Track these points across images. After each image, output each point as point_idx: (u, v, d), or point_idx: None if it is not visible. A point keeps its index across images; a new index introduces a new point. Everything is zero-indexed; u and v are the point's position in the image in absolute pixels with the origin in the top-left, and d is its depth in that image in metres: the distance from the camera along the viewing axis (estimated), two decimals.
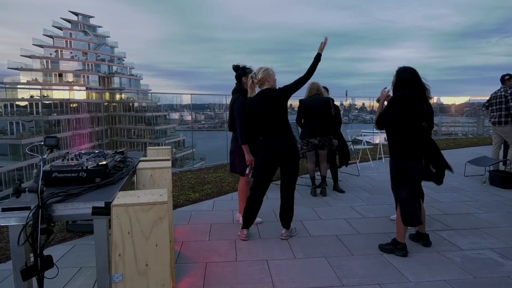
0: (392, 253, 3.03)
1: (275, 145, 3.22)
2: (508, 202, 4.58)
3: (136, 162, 2.58)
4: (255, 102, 3.24)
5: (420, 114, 2.90)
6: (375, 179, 5.93)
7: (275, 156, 3.24)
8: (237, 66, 3.63)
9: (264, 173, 3.32)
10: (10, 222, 1.63)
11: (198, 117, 45.98)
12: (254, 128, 3.33)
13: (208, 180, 5.86)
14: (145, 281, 1.67)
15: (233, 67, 3.67)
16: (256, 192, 3.37)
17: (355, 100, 14.94)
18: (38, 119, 34.19)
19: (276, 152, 3.23)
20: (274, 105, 3.18)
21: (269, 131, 3.23)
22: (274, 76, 3.30)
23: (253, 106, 3.26)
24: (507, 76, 5.69)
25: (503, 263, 2.88)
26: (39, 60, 48.20)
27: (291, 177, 3.33)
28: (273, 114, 3.19)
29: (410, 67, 2.97)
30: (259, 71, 3.25)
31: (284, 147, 3.22)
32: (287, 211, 3.39)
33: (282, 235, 3.40)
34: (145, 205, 1.67)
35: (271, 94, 3.20)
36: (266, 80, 3.23)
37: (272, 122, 3.20)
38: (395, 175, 3.01)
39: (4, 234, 3.48)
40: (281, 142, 3.22)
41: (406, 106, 2.86)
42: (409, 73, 2.92)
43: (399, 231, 3.02)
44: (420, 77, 2.92)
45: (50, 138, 1.95)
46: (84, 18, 56.30)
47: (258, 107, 3.22)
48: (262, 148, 3.30)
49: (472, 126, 16.03)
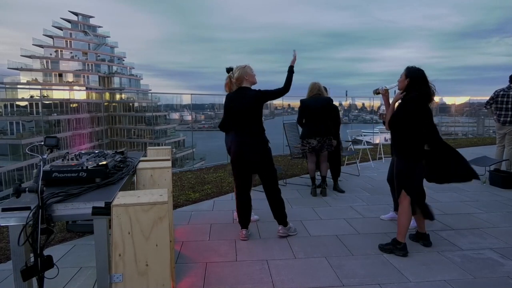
0: (392, 253, 3.03)
1: (245, 143, 3.25)
2: (508, 202, 4.58)
3: (136, 162, 2.58)
4: (231, 98, 3.32)
5: (429, 114, 2.96)
6: (375, 179, 5.93)
7: (242, 153, 3.27)
8: (229, 69, 3.63)
9: (238, 169, 3.35)
10: (10, 222, 1.63)
11: (198, 117, 45.97)
12: (229, 123, 3.38)
13: (208, 180, 5.86)
14: (145, 281, 1.67)
15: (226, 70, 3.66)
16: (239, 190, 3.40)
17: (355, 100, 14.95)
18: (38, 119, 34.19)
19: (243, 149, 3.26)
20: (248, 103, 3.21)
21: (241, 128, 3.27)
22: (252, 72, 3.31)
23: (229, 101, 3.32)
24: None
25: (503, 263, 2.88)
26: (39, 60, 48.19)
27: (267, 175, 3.34)
28: (247, 112, 3.22)
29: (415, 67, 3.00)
30: (236, 70, 3.28)
31: (252, 147, 3.25)
32: (278, 208, 3.39)
33: (279, 232, 3.41)
34: (145, 205, 1.67)
35: (247, 93, 3.24)
36: (244, 78, 3.26)
37: (244, 120, 3.24)
38: (404, 175, 3.01)
39: (4, 234, 3.48)
40: (250, 141, 3.25)
41: (419, 107, 2.91)
42: (421, 73, 2.95)
43: (400, 231, 3.02)
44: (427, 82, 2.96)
45: (50, 138, 1.95)
46: (84, 18, 56.29)
47: (234, 103, 3.28)
48: (233, 144, 3.34)
49: (472, 126, 16.03)
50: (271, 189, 3.37)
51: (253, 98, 3.21)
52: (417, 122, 2.92)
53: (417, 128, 2.93)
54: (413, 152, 2.97)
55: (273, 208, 3.41)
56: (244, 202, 3.39)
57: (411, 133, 2.95)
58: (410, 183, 2.99)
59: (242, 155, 3.28)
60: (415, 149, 2.96)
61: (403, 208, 3.02)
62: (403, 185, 3.02)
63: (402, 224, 3.01)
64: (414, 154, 2.97)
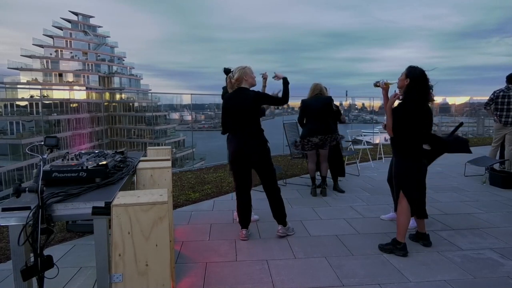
0: (392, 253, 3.03)
1: (241, 143, 3.27)
2: (508, 202, 4.58)
3: (136, 162, 2.58)
4: (229, 97, 3.33)
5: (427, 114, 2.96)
6: (375, 179, 5.92)
7: (241, 153, 3.28)
8: (227, 70, 3.64)
9: (237, 169, 3.36)
10: (10, 222, 1.63)
11: (198, 117, 45.98)
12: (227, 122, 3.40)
13: (208, 180, 5.86)
14: (145, 281, 1.67)
15: (224, 70, 3.67)
16: (239, 190, 3.41)
17: (355, 100, 14.95)
18: (38, 119, 34.19)
19: (241, 149, 3.27)
20: (245, 104, 3.23)
21: (239, 128, 3.28)
22: (252, 74, 3.34)
23: (227, 101, 3.34)
24: None
25: (503, 263, 2.88)
26: (39, 60, 48.17)
27: (266, 175, 3.35)
28: (244, 112, 3.24)
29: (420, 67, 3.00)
30: (236, 70, 3.31)
31: (251, 147, 3.26)
32: (277, 208, 3.41)
33: (278, 231, 3.41)
34: (145, 205, 1.67)
35: (245, 93, 3.25)
36: (243, 78, 3.28)
37: (242, 120, 3.26)
38: (403, 175, 3.02)
39: (4, 234, 3.48)
40: (249, 141, 3.26)
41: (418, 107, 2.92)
42: (422, 75, 2.94)
43: (400, 231, 3.02)
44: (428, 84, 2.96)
45: (50, 138, 1.95)
46: (84, 18, 56.26)
47: (231, 102, 3.29)
48: (230, 144, 3.37)
49: (472, 126, 16.03)
50: (270, 188, 3.38)
51: (251, 99, 3.22)
52: (416, 122, 2.92)
53: (415, 128, 2.94)
54: (412, 152, 2.97)
55: (272, 208, 3.43)
56: (244, 202, 3.40)
57: (410, 133, 2.95)
58: (408, 183, 3.00)
59: (241, 155, 3.28)
60: (413, 149, 2.97)
61: (402, 208, 3.03)
62: (401, 185, 3.04)
63: (401, 224, 3.01)
64: (412, 154, 2.97)
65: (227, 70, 3.59)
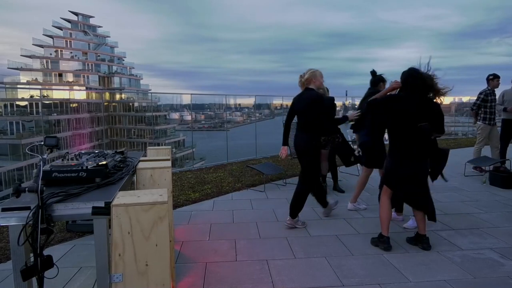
0: (377, 246, 3.14)
1: (297, 136, 3.64)
2: (508, 202, 4.58)
3: (136, 162, 2.58)
4: (298, 96, 3.66)
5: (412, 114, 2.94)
6: (375, 179, 5.91)
7: (294, 145, 3.68)
8: (375, 72, 4.13)
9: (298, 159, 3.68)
10: (10, 222, 1.63)
11: (198, 117, 45.95)
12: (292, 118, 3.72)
13: (208, 180, 5.85)
14: (145, 281, 1.67)
15: (371, 73, 4.23)
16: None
17: (355, 100, 14.93)
18: (38, 119, 34.17)
19: (294, 141, 3.68)
20: (305, 103, 3.50)
21: (298, 123, 3.66)
22: (321, 78, 3.63)
23: (295, 99, 3.68)
24: (491, 76, 5.87)
25: (503, 263, 2.88)
26: (39, 60, 48.16)
27: (302, 170, 3.64)
28: (304, 110, 3.52)
29: (410, 67, 3.05)
30: (307, 72, 3.60)
31: (297, 141, 3.61)
32: (293, 200, 3.64)
33: (286, 221, 3.66)
34: (145, 205, 1.67)
35: (309, 94, 3.53)
36: (312, 80, 3.56)
37: (301, 116, 3.59)
38: (388, 169, 3.14)
39: (4, 234, 3.48)
40: (297, 135, 3.62)
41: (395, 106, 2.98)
42: (411, 73, 3.01)
43: (381, 225, 3.15)
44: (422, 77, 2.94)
45: (50, 138, 1.95)
46: (84, 18, 56.24)
47: (297, 100, 3.62)
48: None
49: (472, 126, 16.01)
50: (300, 180, 3.68)
51: (310, 99, 3.49)
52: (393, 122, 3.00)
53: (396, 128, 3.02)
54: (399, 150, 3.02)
55: (293, 196, 3.67)
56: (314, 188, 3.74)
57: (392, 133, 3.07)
58: (391, 178, 3.10)
59: (294, 147, 3.68)
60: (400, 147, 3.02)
61: (381, 202, 3.17)
62: (386, 179, 3.16)
63: (381, 218, 3.14)
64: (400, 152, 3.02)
65: (375, 72, 4.16)
